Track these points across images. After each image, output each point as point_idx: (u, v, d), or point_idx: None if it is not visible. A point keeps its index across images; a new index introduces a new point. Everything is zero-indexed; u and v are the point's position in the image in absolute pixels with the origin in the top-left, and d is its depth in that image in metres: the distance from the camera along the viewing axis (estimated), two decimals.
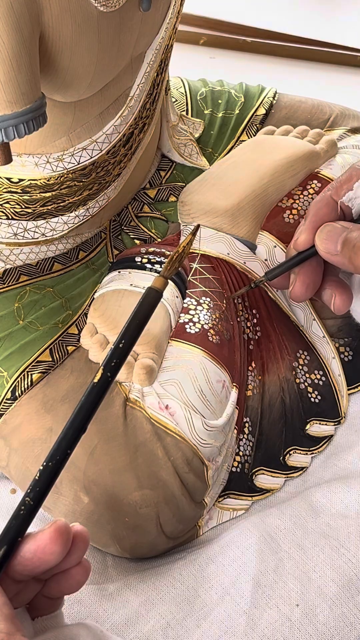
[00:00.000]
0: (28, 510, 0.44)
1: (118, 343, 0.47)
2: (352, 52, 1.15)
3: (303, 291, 0.60)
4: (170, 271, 0.50)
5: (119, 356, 0.47)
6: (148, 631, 0.54)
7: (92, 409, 0.46)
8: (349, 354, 0.71)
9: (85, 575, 0.46)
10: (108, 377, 0.46)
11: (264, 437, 0.65)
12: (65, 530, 0.44)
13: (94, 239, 0.69)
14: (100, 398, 0.46)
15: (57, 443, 0.45)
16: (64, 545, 0.44)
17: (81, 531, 0.45)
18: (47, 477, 0.44)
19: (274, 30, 1.18)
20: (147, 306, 0.48)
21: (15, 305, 0.63)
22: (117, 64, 0.56)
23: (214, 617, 0.54)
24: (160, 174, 0.74)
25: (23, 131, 0.48)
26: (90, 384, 0.46)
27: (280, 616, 0.54)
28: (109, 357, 0.46)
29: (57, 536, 0.43)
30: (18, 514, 0.44)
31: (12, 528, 0.44)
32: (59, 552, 0.44)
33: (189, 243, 0.51)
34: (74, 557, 0.45)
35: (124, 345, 0.47)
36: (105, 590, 0.57)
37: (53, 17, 0.48)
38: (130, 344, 0.47)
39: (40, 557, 0.43)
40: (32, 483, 0.44)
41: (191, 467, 0.58)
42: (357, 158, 0.73)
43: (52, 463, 0.45)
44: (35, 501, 0.44)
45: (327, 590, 0.54)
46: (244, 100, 0.78)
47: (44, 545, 0.43)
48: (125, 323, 0.48)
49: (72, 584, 0.46)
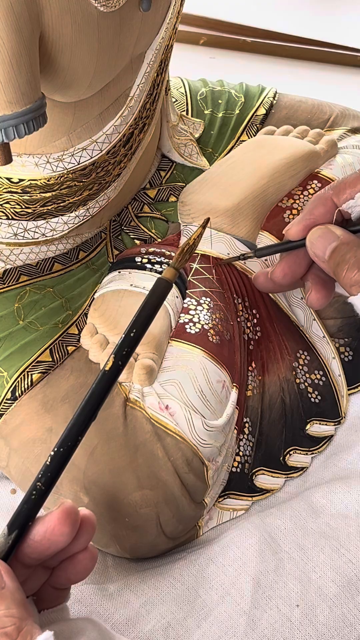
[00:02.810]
0: (39, 494, 0.45)
1: (129, 332, 0.48)
2: (352, 52, 1.15)
3: (280, 277, 0.60)
4: (181, 262, 0.50)
5: (129, 345, 0.47)
6: (149, 631, 0.54)
7: (102, 396, 0.46)
8: (349, 354, 0.71)
9: (92, 561, 0.47)
10: (119, 365, 0.47)
11: (264, 437, 0.65)
12: (73, 511, 0.45)
13: (94, 239, 0.69)
14: (110, 385, 0.47)
15: (68, 429, 0.46)
16: (72, 526, 0.45)
17: (88, 515, 0.46)
18: (57, 462, 0.45)
19: (274, 30, 1.18)
20: (158, 296, 0.49)
21: (15, 306, 0.63)
22: (117, 64, 0.56)
23: (215, 618, 0.54)
24: (160, 174, 0.74)
25: (23, 131, 0.48)
26: (101, 372, 0.47)
27: (281, 616, 0.54)
28: (119, 346, 0.47)
29: (65, 517, 0.44)
30: (29, 499, 0.45)
31: (22, 512, 0.45)
32: (67, 533, 0.44)
33: (199, 235, 0.51)
34: (81, 541, 0.46)
35: (135, 334, 0.48)
36: (106, 591, 0.57)
37: (53, 17, 0.48)
38: (141, 333, 0.48)
39: (50, 539, 0.44)
40: (43, 468, 0.45)
41: (191, 468, 0.58)
42: (357, 158, 0.73)
43: (63, 449, 0.45)
44: (46, 486, 0.45)
45: (327, 591, 0.54)
46: (244, 100, 0.78)
47: (53, 526, 0.44)
48: (136, 312, 0.48)
49: (80, 571, 0.47)
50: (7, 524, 0.45)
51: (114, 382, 0.47)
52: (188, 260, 0.51)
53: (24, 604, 0.42)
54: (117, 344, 0.47)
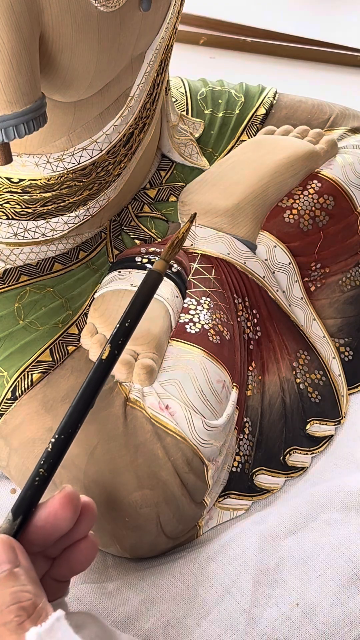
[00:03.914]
0: (41, 480, 0.46)
1: (124, 322, 0.49)
2: (352, 52, 1.15)
3: None
4: (171, 255, 0.53)
5: (124, 334, 0.49)
6: (148, 629, 0.54)
7: (99, 384, 0.48)
8: (349, 354, 0.71)
9: (94, 550, 0.47)
10: (115, 353, 0.49)
11: (264, 437, 0.65)
12: (74, 495, 0.45)
13: (94, 239, 0.69)
14: (107, 374, 0.49)
15: (68, 416, 0.47)
16: (74, 510, 0.45)
17: (89, 502, 0.47)
18: (58, 449, 0.46)
19: (274, 30, 1.17)
20: (149, 287, 0.51)
21: (16, 305, 0.63)
22: (117, 64, 0.56)
23: (214, 616, 0.54)
24: (161, 174, 0.74)
25: (23, 131, 0.48)
26: (97, 360, 0.48)
27: (281, 615, 0.54)
28: (114, 335, 0.49)
29: (67, 501, 0.45)
30: (32, 485, 0.46)
31: (26, 498, 0.45)
32: (69, 517, 0.45)
33: (187, 229, 0.54)
34: (82, 527, 0.47)
35: (129, 325, 0.50)
36: (105, 589, 0.57)
37: (53, 17, 0.48)
38: (134, 323, 0.50)
39: (52, 523, 0.45)
40: (45, 455, 0.46)
41: (191, 467, 0.58)
42: (357, 158, 0.73)
43: (63, 436, 0.47)
44: (48, 472, 0.46)
45: (327, 589, 0.54)
46: (244, 100, 0.78)
47: (55, 510, 0.45)
48: (129, 303, 0.50)
49: (81, 560, 0.47)
50: (11, 510, 0.45)
51: (109, 370, 0.49)
52: (177, 253, 0.53)
53: (37, 583, 0.42)
54: (112, 333, 0.49)
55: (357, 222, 0.72)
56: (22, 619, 0.39)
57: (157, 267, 0.52)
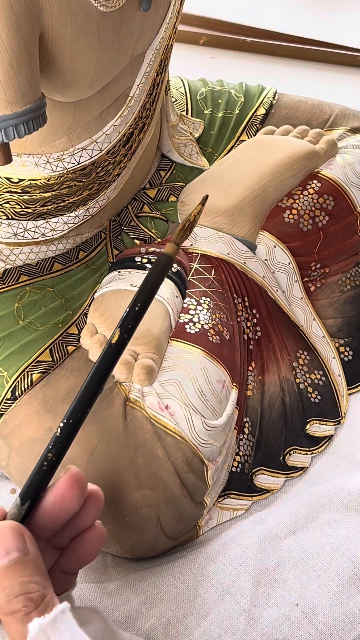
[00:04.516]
0: (50, 465, 0.46)
1: (133, 306, 0.49)
2: (352, 52, 1.15)
3: None
4: (182, 238, 0.52)
5: (133, 319, 0.49)
6: (148, 629, 0.54)
7: (108, 369, 0.48)
8: (349, 354, 0.71)
9: (101, 539, 0.47)
10: (125, 338, 0.48)
11: (264, 437, 0.65)
12: (79, 475, 0.46)
13: (94, 239, 0.69)
14: (116, 358, 0.48)
15: (76, 401, 0.47)
16: (81, 489, 0.45)
17: (95, 489, 0.47)
18: (67, 433, 0.46)
19: (274, 30, 1.17)
20: (159, 270, 0.50)
21: (15, 305, 0.63)
22: (117, 64, 0.56)
23: (214, 616, 0.54)
24: (160, 174, 0.74)
25: (23, 131, 0.48)
26: (107, 344, 0.48)
27: (280, 615, 0.54)
28: (124, 319, 0.49)
29: (73, 481, 0.45)
30: (40, 470, 0.46)
31: (34, 483, 0.45)
32: (77, 497, 0.45)
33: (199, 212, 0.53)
34: (89, 514, 0.47)
35: (139, 309, 0.49)
36: (105, 589, 0.57)
37: (53, 17, 0.48)
38: (144, 306, 0.49)
39: (60, 504, 0.45)
40: (53, 439, 0.46)
41: (191, 467, 0.58)
42: (357, 158, 0.73)
43: (72, 420, 0.46)
44: (56, 457, 0.46)
45: (327, 590, 0.54)
46: (244, 100, 0.78)
47: (62, 491, 0.45)
48: (140, 287, 0.50)
49: (89, 549, 0.47)
50: (19, 495, 0.45)
51: (119, 355, 0.48)
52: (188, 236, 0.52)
53: (45, 573, 0.42)
54: (122, 317, 0.49)
55: (357, 222, 0.72)
56: (30, 609, 0.40)
57: (167, 251, 0.51)
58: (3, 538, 0.42)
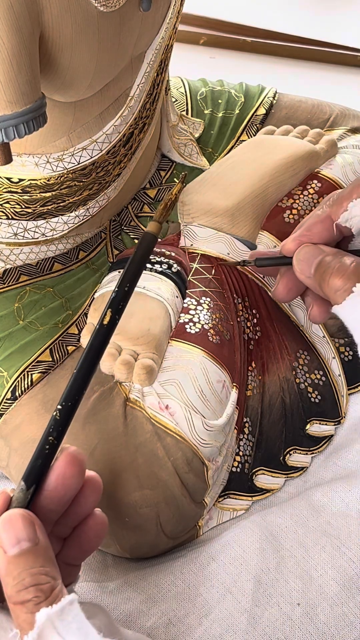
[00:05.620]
0: (51, 448, 0.46)
1: (122, 287, 0.50)
2: (352, 52, 1.15)
3: (284, 293, 0.59)
4: (164, 217, 0.54)
5: (122, 298, 0.50)
6: (149, 627, 0.54)
7: (101, 348, 0.49)
8: (349, 354, 0.71)
9: (103, 527, 0.48)
10: (116, 318, 0.49)
11: (264, 437, 0.65)
12: (77, 453, 0.46)
13: (94, 239, 0.69)
14: (108, 337, 0.49)
15: (72, 382, 0.47)
16: (80, 466, 0.46)
17: (92, 475, 0.47)
18: (65, 415, 0.47)
19: (274, 30, 1.18)
20: (144, 249, 0.52)
21: (15, 305, 0.63)
22: (117, 64, 0.56)
23: (215, 615, 0.54)
24: (160, 174, 0.74)
25: (23, 131, 0.48)
26: (98, 324, 0.49)
27: (282, 615, 0.54)
28: (113, 300, 0.50)
29: (71, 459, 0.45)
30: (42, 453, 0.46)
31: (36, 467, 0.46)
32: (77, 474, 0.45)
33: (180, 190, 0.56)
34: (89, 499, 0.47)
35: (128, 289, 0.50)
36: (106, 588, 0.57)
37: (53, 17, 0.48)
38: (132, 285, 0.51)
39: (62, 483, 0.45)
40: (52, 422, 0.46)
41: (191, 467, 0.58)
42: (357, 158, 0.73)
43: (70, 403, 0.47)
44: (57, 439, 0.46)
45: (328, 589, 0.54)
46: (244, 100, 0.78)
47: (63, 470, 0.45)
48: (125, 267, 0.51)
49: (91, 537, 0.48)
50: (22, 479, 0.45)
51: (110, 334, 0.49)
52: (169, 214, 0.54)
53: (54, 563, 0.42)
54: (110, 298, 0.50)
55: None
56: (40, 600, 0.40)
57: (150, 229, 0.53)
58: (14, 526, 0.42)
